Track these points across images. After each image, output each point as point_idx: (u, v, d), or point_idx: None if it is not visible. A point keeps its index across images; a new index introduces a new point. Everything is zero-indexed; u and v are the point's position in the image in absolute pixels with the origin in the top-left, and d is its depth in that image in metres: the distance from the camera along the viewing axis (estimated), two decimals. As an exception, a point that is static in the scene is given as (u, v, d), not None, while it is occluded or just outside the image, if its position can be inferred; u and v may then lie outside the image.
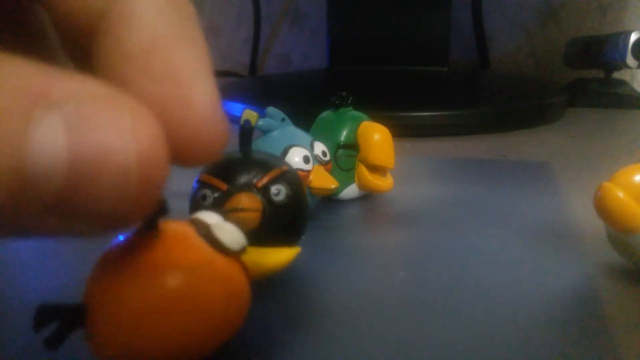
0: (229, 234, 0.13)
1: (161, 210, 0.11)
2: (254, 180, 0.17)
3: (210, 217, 0.13)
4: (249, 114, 0.18)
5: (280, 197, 0.17)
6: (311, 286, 0.13)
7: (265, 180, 0.17)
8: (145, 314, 0.11)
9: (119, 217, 0.09)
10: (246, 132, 0.17)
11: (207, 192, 0.17)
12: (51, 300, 0.11)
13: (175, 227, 0.13)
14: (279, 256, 0.14)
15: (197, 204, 0.17)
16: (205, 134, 0.10)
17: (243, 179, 0.17)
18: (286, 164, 0.18)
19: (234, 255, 0.13)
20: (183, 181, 0.17)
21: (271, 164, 0.18)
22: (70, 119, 0.08)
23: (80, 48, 0.11)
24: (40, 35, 0.13)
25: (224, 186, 0.17)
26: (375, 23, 0.57)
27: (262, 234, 0.16)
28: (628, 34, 0.50)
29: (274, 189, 0.17)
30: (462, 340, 0.15)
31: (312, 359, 0.14)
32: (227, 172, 0.17)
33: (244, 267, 0.13)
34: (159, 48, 0.10)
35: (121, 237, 0.12)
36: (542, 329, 0.15)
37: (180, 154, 0.10)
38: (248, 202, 0.17)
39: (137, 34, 0.10)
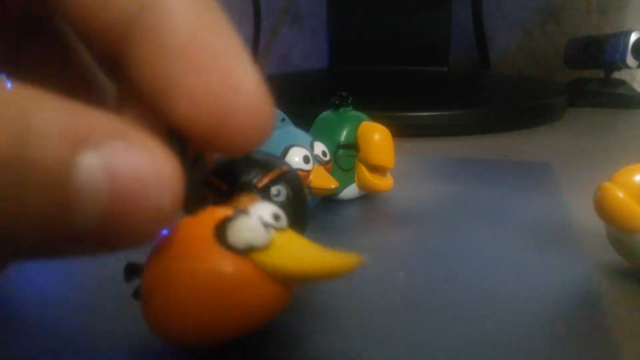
0: (238, 231, 0.12)
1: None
2: (254, 181, 0.17)
3: (257, 210, 0.13)
4: None
5: (281, 198, 0.17)
6: (310, 286, 0.13)
7: (265, 180, 0.17)
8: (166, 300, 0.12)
9: (145, 242, 0.10)
10: None
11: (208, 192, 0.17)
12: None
13: (206, 216, 0.13)
14: (314, 262, 0.13)
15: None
16: (256, 117, 0.11)
17: (243, 179, 0.17)
18: (286, 164, 0.18)
19: (241, 252, 0.12)
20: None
21: (271, 164, 0.18)
22: (108, 162, 0.09)
23: (108, 57, 0.11)
24: (70, 55, 0.13)
25: (224, 186, 0.17)
26: (375, 23, 0.57)
27: None
28: (628, 34, 0.50)
29: (274, 189, 0.17)
30: (462, 340, 0.15)
31: (311, 358, 0.14)
32: (228, 172, 0.17)
33: (255, 266, 0.12)
34: (199, 41, 0.10)
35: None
36: (542, 328, 0.15)
37: (234, 141, 0.11)
38: (248, 202, 0.17)
39: (175, 31, 0.10)
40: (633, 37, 0.49)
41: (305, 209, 0.19)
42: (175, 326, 0.12)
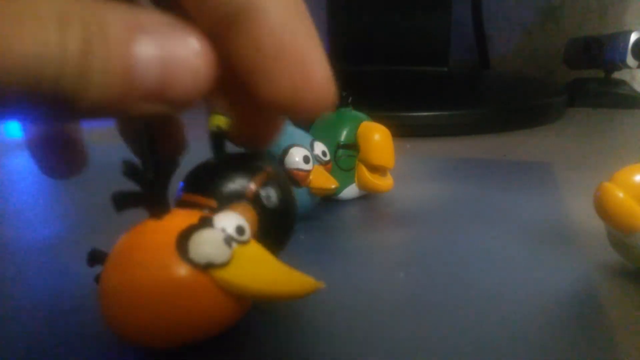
0: (199, 246, 0.12)
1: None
2: (243, 191, 0.16)
3: (221, 221, 0.13)
4: (218, 119, 0.17)
5: (272, 201, 0.16)
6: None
7: (253, 188, 0.16)
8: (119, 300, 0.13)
9: (190, 100, 0.12)
10: (218, 138, 0.16)
11: None
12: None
13: (170, 222, 0.13)
14: (269, 285, 0.13)
15: None
16: (321, 98, 0.14)
17: (229, 190, 0.16)
18: (267, 162, 0.17)
19: (200, 268, 0.12)
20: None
21: (253, 169, 0.16)
22: (157, 39, 0.12)
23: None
24: None
25: (213, 203, 0.15)
26: (376, 23, 0.57)
27: (256, 238, 0.15)
28: (628, 34, 0.50)
29: (263, 194, 0.16)
30: (462, 340, 0.15)
31: (312, 358, 0.14)
32: (210, 186, 0.16)
33: (212, 280, 0.13)
34: (288, 42, 0.13)
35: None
36: (542, 328, 0.15)
37: (302, 108, 0.13)
38: (242, 212, 0.16)
39: (270, 30, 0.13)
40: (633, 37, 0.49)
41: (293, 205, 0.18)
42: (132, 329, 0.13)
